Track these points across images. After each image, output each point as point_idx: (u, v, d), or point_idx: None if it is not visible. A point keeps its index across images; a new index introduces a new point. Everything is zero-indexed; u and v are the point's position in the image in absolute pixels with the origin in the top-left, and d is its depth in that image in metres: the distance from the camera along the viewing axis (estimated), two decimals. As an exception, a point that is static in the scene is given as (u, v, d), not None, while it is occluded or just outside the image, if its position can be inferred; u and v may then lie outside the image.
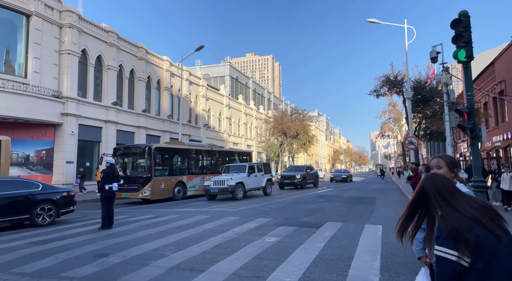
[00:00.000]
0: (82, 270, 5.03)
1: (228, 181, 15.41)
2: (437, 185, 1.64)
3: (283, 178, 23.66)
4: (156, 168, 15.44)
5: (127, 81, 25.70)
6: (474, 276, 1.39)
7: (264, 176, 18.09)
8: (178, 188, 16.68)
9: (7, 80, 17.26)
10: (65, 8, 20.37)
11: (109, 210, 8.61)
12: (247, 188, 16.43)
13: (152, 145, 15.55)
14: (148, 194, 14.95)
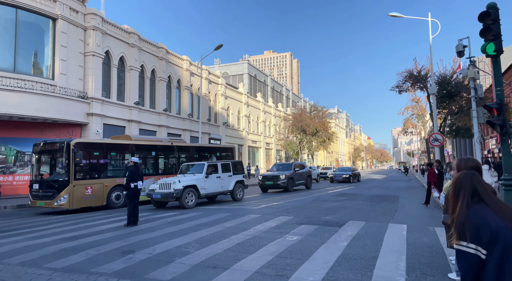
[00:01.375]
0: (111, 266, 5.21)
1: (175, 185, 12.08)
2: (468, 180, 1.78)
3: (265, 179, 19.22)
4: (77, 169, 12.30)
5: (149, 81, 26.24)
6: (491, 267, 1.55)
7: (232, 178, 14.65)
8: (117, 193, 13.41)
9: (35, 82, 18.00)
10: (89, 11, 21.00)
11: (134, 208, 8.86)
12: (205, 192, 13.13)
13: (71, 140, 12.31)
14: (64, 203, 11.81)
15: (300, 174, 20.45)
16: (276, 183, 18.77)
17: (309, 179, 21.45)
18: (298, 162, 21.47)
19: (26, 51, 18.38)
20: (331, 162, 77.88)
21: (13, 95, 16.55)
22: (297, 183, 20.02)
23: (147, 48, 25.95)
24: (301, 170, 20.88)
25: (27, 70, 18.30)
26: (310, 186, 21.39)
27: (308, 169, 21.95)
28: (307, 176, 21.15)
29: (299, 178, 20.30)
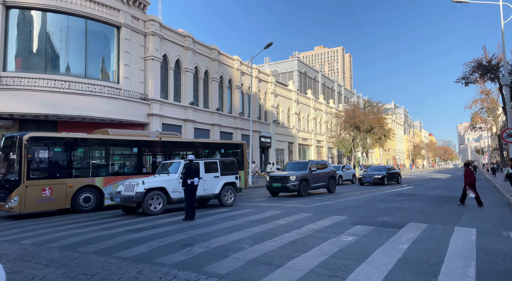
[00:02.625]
0: (172, 257, 5.53)
1: (137, 186, 10.26)
2: None
3: (272, 180, 16.11)
4: (31, 168, 10.79)
5: (202, 81, 27.28)
6: None
7: (218, 179, 12.27)
8: (87, 195, 11.84)
9: (103, 86, 19.74)
10: (148, 18, 22.44)
11: (191, 203, 9.30)
12: (178, 196, 11.03)
13: (24, 135, 10.77)
14: (15, 205, 10.31)
15: (318, 175, 16.81)
16: (285, 186, 15.47)
17: (332, 181, 17.74)
18: (316, 161, 18.10)
19: (95, 57, 20.21)
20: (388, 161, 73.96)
21: (85, 99, 18.33)
22: (315, 186, 16.56)
23: (201, 50, 26.98)
24: (319, 170, 17.11)
25: (96, 75, 20.13)
26: (333, 189, 17.72)
27: (331, 169, 18.15)
28: (328, 178, 17.42)
29: (317, 180, 16.70)
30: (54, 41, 18.92)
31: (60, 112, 17.59)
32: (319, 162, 18.10)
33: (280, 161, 37.91)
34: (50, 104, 17.30)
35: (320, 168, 17.29)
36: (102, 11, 20.00)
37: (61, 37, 19.00)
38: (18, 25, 18.23)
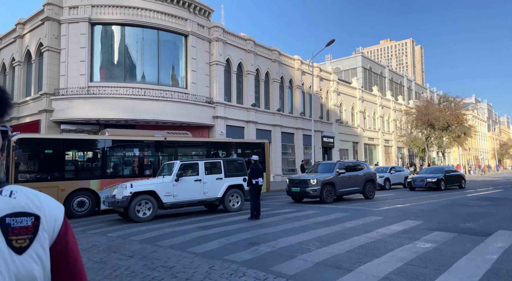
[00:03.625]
0: (240, 255, 5.68)
1: (125, 190, 9.48)
2: None
3: (291, 184, 14.10)
4: (19, 170, 10.60)
5: (263, 83, 27.65)
6: None
7: (222, 181, 11.06)
8: (81, 199, 11.31)
9: (173, 92, 21.18)
10: (213, 25, 23.49)
11: (256, 203, 9.47)
12: (172, 200, 10.01)
13: (12, 136, 10.54)
14: None
15: (349, 178, 14.24)
16: (304, 191, 13.31)
17: (370, 185, 14.96)
18: (348, 161, 15.45)
19: (166, 65, 21.80)
20: (469, 161, 66.60)
21: (158, 104, 19.87)
22: (344, 191, 14.14)
23: (261, 52, 27.37)
24: (351, 172, 14.46)
25: (167, 81, 21.69)
26: (371, 195, 14.91)
27: (369, 172, 15.24)
28: (364, 181, 14.71)
29: (348, 184, 14.17)
30: (132, 52, 20.87)
31: (137, 117, 19.32)
32: (351, 163, 15.32)
33: (344, 161, 36.60)
34: (129, 110, 19.11)
35: (352, 170, 14.68)
36: (172, 22, 21.48)
37: (137, 48, 20.88)
38: (102, 40, 20.50)
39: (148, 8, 20.60)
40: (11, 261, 0.72)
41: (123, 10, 20.23)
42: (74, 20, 19.66)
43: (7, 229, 0.76)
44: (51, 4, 19.79)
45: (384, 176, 21.27)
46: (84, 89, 19.27)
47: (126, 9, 20.27)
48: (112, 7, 20.08)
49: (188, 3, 21.96)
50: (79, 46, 19.61)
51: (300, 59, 31.32)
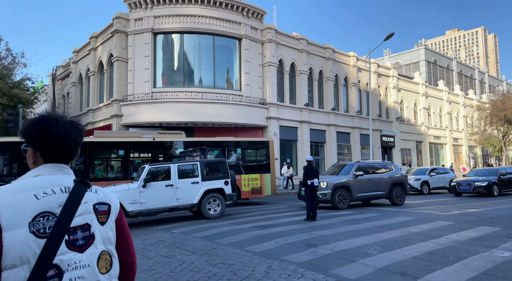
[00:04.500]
0: (297, 256, 5.65)
1: None
2: None
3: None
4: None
5: (317, 82, 27.17)
6: None
7: (198, 186, 9.99)
8: None
9: (228, 94, 21.82)
10: (265, 26, 23.72)
11: (312, 204, 9.34)
12: (139, 208, 9.11)
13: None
14: None
15: (370, 181, 12.43)
16: None
17: (398, 189, 12.81)
18: (369, 162, 13.65)
19: (221, 69, 22.55)
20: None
21: (214, 107, 20.64)
22: (363, 196, 12.42)
23: (315, 51, 26.92)
24: (373, 175, 12.65)
25: (222, 85, 22.42)
26: (400, 200, 12.77)
27: (396, 174, 13.11)
28: (390, 185, 12.70)
29: (368, 188, 12.37)
30: (189, 58, 21.97)
31: (195, 119, 20.27)
32: (374, 164, 13.51)
33: (406, 162, 34.41)
34: (188, 113, 20.13)
35: (375, 172, 12.84)
36: (226, 26, 22.17)
37: (195, 54, 21.92)
38: (163, 48, 21.91)
39: (204, 15, 21.52)
40: (98, 229, 1.23)
41: (182, 19, 21.39)
42: (139, 31, 21.30)
43: (97, 211, 1.26)
44: (119, 17, 21.70)
45: (421, 179, 18.46)
46: (148, 95, 20.76)
47: (185, 17, 21.40)
48: (172, 16, 21.36)
49: (242, 7, 22.47)
50: (143, 55, 21.19)
51: (355, 55, 30.18)
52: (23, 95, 19.44)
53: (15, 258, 1.06)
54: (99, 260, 1.20)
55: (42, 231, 1.10)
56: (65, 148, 1.26)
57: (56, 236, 1.11)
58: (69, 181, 1.24)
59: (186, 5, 21.36)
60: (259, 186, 13.50)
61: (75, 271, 1.12)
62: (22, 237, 1.08)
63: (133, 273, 1.39)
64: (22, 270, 1.06)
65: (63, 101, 31.39)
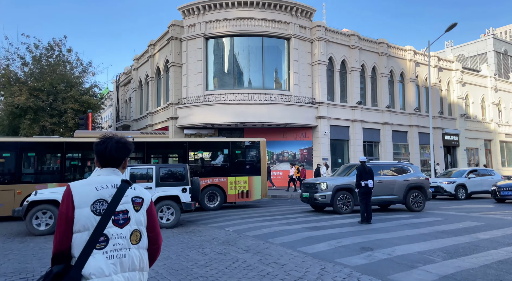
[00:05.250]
0: (352, 259, 5.48)
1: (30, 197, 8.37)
2: None
3: (303, 188, 11.92)
4: None
5: (369, 79, 26.04)
6: None
7: (151, 192, 9.15)
8: None
9: (277, 95, 21.86)
10: (314, 24, 23.35)
11: (366, 206, 8.98)
12: None
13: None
14: None
15: (381, 184, 11.15)
16: (312, 197, 11.07)
17: (415, 193, 11.47)
18: (380, 163, 12.35)
19: (270, 70, 22.67)
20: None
21: (263, 107, 20.82)
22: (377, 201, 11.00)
23: (367, 47, 25.84)
24: (385, 177, 11.45)
25: (271, 85, 22.53)
26: (418, 206, 11.43)
27: (413, 176, 11.71)
28: (406, 189, 11.41)
29: (379, 191, 11.01)
30: (239, 61, 22.44)
31: (245, 120, 20.64)
32: (386, 165, 12.17)
33: (472, 162, 31.48)
34: (238, 114, 20.57)
35: (387, 174, 11.65)
36: (275, 27, 22.25)
37: (244, 56, 22.34)
38: (214, 52, 22.66)
39: (253, 17, 21.83)
40: (133, 214, 1.76)
41: (232, 22, 21.93)
42: (192, 37, 22.28)
43: (133, 202, 1.78)
44: (174, 25, 22.93)
45: (457, 182, 16.02)
46: (200, 98, 21.62)
47: (234, 21, 21.92)
48: (223, 20, 22.00)
49: (290, 6, 22.37)
50: (196, 59, 22.13)
51: (412, 49, 28.37)
52: (92, 101, 21.42)
53: (81, 226, 1.64)
54: (131, 235, 1.73)
55: (98, 211, 1.67)
56: (107, 159, 1.83)
57: (106, 216, 1.67)
58: (118, 180, 1.80)
59: (236, 8, 21.85)
60: (247, 189, 12.65)
61: (116, 240, 1.67)
62: (86, 213, 1.65)
63: (157, 247, 1.90)
64: (84, 234, 1.63)
65: (126, 105, 33.98)
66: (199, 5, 21.98)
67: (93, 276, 1.57)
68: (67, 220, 1.65)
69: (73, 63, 22.62)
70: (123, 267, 1.66)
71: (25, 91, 18.83)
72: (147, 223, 1.83)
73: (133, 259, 1.71)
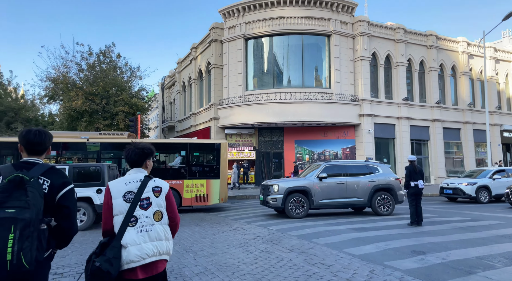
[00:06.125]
0: (403, 263, 5.24)
1: None
2: None
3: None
4: None
5: (417, 74, 24.68)
6: None
7: None
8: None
9: (317, 93, 21.50)
10: (356, 19, 22.63)
11: (417, 207, 8.54)
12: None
13: None
14: None
15: (340, 185, 10.30)
16: (265, 200, 10.32)
17: (383, 196, 10.51)
18: (342, 162, 11.02)
19: (309, 68, 22.36)
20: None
21: (303, 106, 20.59)
22: (328, 203, 10.22)
23: (414, 40, 24.53)
24: (346, 178, 10.45)
25: (311, 83, 22.21)
26: (386, 210, 10.48)
27: (380, 177, 10.63)
28: (372, 191, 10.44)
29: (340, 194, 10.27)
30: (278, 60, 22.41)
31: (285, 120, 20.56)
32: (349, 164, 10.89)
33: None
34: (278, 113, 20.54)
35: (351, 175, 10.60)
36: (315, 24, 21.90)
37: (283, 55, 22.27)
38: (254, 52, 22.85)
39: (293, 16, 21.68)
40: (154, 200, 2.30)
41: (271, 22, 21.97)
42: (232, 38, 22.66)
43: (153, 191, 2.32)
44: (215, 28, 23.49)
45: (478, 184, 14.25)
46: (241, 98, 21.92)
47: (274, 20, 21.93)
48: (262, 21, 22.12)
49: (331, 2, 21.90)
50: (236, 60, 22.47)
51: (465, 40, 26.42)
52: (140, 104, 22.62)
53: (117, 211, 2.24)
54: (154, 214, 2.29)
55: (128, 200, 2.25)
56: (131, 161, 2.44)
57: (134, 203, 2.24)
58: (142, 176, 2.37)
59: (276, 8, 21.85)
60: (204, 193, 12.05)
61: (143, 219, 2.24)
62: (119, 202, 2.25)
63: (176, 224, 2.46)
64: (120, 217, 2.22)
65: (170, 107, 35.45)
66: (239, 6, 22.30)
67: (128, 245, 2.15)
68: (108, 207, 2.27)
69: (122, 68, 24.04)
70: (150, 238, 2.23)
71: (81, 95, 20.38)
72: (166, 206, 2.37)
73: (158, 232, 2.27)
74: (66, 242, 2.17)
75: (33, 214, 1.87)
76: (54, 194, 2.09)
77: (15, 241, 1.79)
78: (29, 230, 1.84)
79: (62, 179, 2.14)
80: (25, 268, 1.81)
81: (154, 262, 2.22)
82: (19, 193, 1.91)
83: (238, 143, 22.77)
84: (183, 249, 6.34)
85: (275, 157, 22.79)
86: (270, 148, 22.99)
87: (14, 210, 1.85)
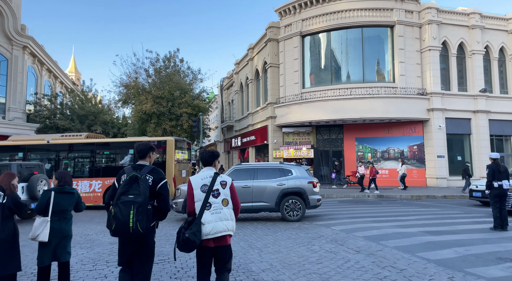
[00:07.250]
0: (487, 270, 4.74)
1: None
2: None
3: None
4: None
5: (496, 62, 22.07)
6: None
7: None
8: None
9: (380, 87, 20.37)
10: (423, 7, 20.96)
11: (501, 210, 7.65)
12: None
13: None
14: None
15: (246, 189, 9.30)
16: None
17: (292, 200, 9.41)
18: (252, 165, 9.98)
19: (370, 62, 21.29)
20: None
21: (363, 102, 19.68)
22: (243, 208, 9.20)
23: (492, 25, 21.97)
24: (250, 181, 9.42)
25: (372, 78, 21.13)
26: (295, 215, 9.37)
27: (290, 180, 9.46)
28: (280, 195, 9.36)
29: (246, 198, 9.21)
30: (337, 55, 21.73)
31: (344, 117, 19.86)
32: (259, 167, 9.82)
33: None
34: (337, 111, 19.92)
35: (261, 177, 9.55)
36: (376, 16, 20.80)
37: (342, 50, 21.52)
38: (310, 49, 22.47)
39: (351, 9, 20.85)
40: (222, 190, 3.20)
41: (329, 17, 21.39)
42: (289, 37, 22.57)
43: (221, 184, 3.21)
44: (271, 27, 23.62)
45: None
46: (297, 96, 21.73)
47: (331, 15, 21.32)
48: (319, 16, 21.65)
49: (393, -9, 20.60)
50: (292, 58, 22.33)
51: (557, 20, 22.89)
52: (201, 105, 23.68)
53: (197, 199, 3.12)
54: (222, 201, 3.14)
55: (204, 191, 3.12)
56: (203, 161, 3.33)
57: (208, 193, 3.10)
58: (212, 173, 3.21)
59: (334, 2, 21.22)
60: None
61: (215, 204, 3.11)
62: (198, 192, 3.13)
63: (237, 208, 3.28)
64: (199, 203, 3.09)
65: (229, 107, 36.55)
66: (295, 3, 22.10)
67: (206, 222, 3.03)
68: (191, 195, 3.14)
69: (185, 72, 25.40)
70: (220, 218, 3.09)
71: (150, 99, 22.00)
72: (230, 195, 3.22)
73: (225, 213, 3.13)
74: (164, 217, 3.35)
75: (143, 199, 3.06)
76: (155, 186, 3.24)
77: (134, 215, 2.97)
78: (141, 209, 3.02)
79: (159, 176, 3.31)
80: (140, 232, 3.00)
81: (223, 236, 3.09)
82: (136, 185, 3.10)
83: (295, 141, 22.63)
84: (248, 245, 6.48)
85: (334, 155, 22.18)
86: (328, 146, 22.44)
87: (133, 196, 3.05)
